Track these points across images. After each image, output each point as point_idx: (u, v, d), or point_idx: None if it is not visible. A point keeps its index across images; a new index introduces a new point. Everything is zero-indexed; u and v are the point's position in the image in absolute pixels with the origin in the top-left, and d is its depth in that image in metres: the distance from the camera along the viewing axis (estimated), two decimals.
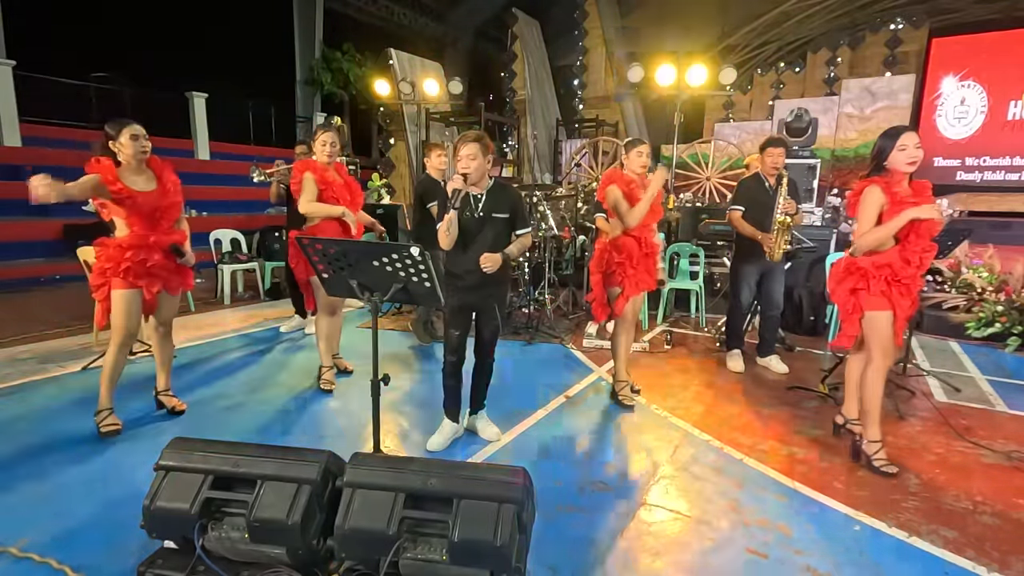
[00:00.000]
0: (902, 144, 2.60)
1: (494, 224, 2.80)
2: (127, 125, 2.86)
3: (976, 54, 10.70)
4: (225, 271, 6.18)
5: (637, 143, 3.42)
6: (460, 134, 2.80)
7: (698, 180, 9.65)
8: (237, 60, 12.90)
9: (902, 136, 2.61)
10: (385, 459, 1.98)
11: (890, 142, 2.64)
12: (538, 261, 5.58)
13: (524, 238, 2.91)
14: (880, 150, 2.68)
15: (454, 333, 2.90)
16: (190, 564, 1.81)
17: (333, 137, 3.61)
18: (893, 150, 2.62)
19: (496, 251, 2.77)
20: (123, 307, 2.91)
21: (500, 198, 2.83)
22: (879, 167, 2.69)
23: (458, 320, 2.91)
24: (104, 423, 2.96)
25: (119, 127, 2.85)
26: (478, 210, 2.79)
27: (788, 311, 5.05)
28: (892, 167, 2.65)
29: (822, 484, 2.64)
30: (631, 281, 3.38)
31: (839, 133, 10.49)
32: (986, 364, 4.46)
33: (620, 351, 3.54)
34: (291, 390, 3.68)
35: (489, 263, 2.71)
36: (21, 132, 8.63)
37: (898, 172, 2.65)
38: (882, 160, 2.67)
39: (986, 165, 10.83)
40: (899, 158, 2.61)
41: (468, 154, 2.68)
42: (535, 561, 2.01)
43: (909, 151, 2.59)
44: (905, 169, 2.63)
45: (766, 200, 3.94)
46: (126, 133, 2.84)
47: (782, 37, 11.89)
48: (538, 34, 13.26)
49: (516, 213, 2.86)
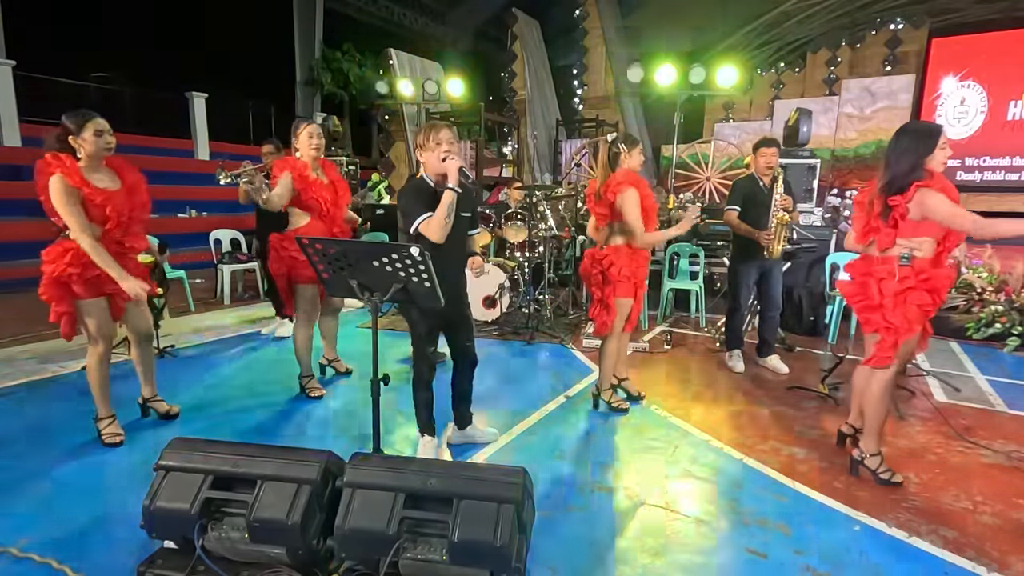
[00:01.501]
0: (943, 143, 2.43)
1: (460, 223, 2.62)
2: (91, 119, 2.60)
3: (976, 54, 10.70)
4: (225, 271, 6.18)
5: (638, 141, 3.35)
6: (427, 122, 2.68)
7: (698, 180, 9.65)
8: (237, 60, 12.92)
9: (942, 134, 2.44)
10: (385, 459, 1.98)
11: (932, 141, 2.42)
12: (538, 261, 5.58)
13: (478, 238, 2.90)
14: (922, 149, 2.42)
15: (430, 350, 2.75)
16: (190, 564, 1.81)
17: (317, 129, 3.40)
18: (936, 148, 2.42)
19: (464, 253, 2.77)
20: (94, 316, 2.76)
21: (466, 197, 2.64)
22: (920, 167, 2.43)
23: (433, 334, 2.75)
24: (106, 432, 2.89)
25: (82, 120, 2.58)
26: None
27: (788, 311, 5.05)
28: (931, 167, 2.44)
29: (822, 484, 2.64)
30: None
31: (839, 133, 10.49)
32: (986, 364, 4.46)
33: (607, 361, 3.40)
34: (291, 390, 3.68)
35: (478, 265, 2.77)
36: (21, 132, 8.62)
37: (934, 173, 2.45)
38: (923, 160, 2.43)
39: (986, 165, 10.84)
40: (939, 157, 2.44)
41: (449, 139, 2.53)
42: (535, 561, 2.02)
43: (947, 149, 2.46)
44: (941, 169, 2.47)
45: (762, 200, 3.95)
46: (90, 128, 2.59)
47: (782, 37, 11.89)
48: (538, 34, 13.26)
49: (476, 212, 2.80)
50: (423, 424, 2.83)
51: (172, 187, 8.87)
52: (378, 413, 2.27)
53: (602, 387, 3.47)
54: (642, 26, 12.93)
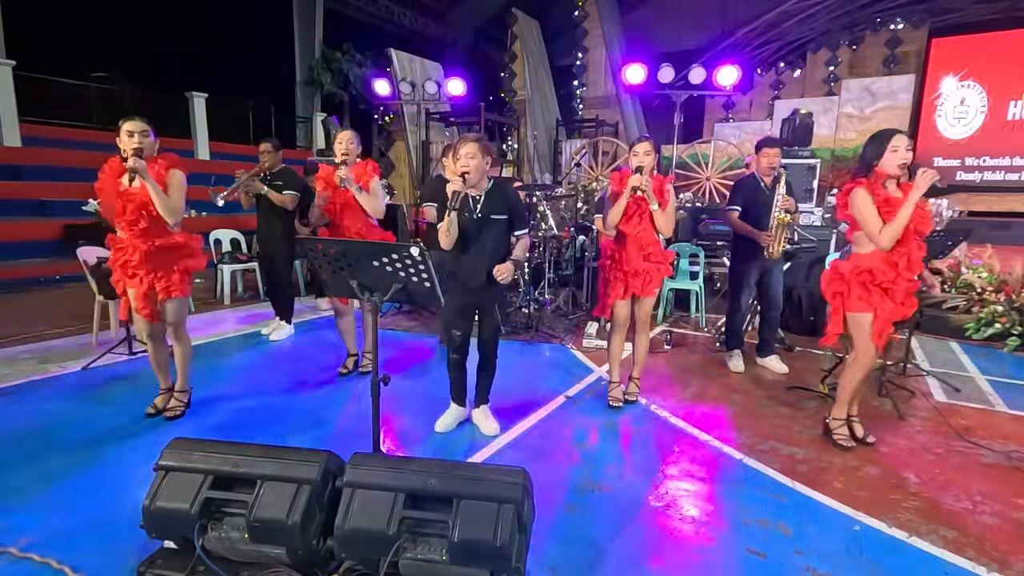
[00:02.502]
0: (894, 146, 2.64)
1: (493, 226, 2.83)
2: (125, 120, 2.82)
3: (976, 54, 10.70)
4: (225, 271, 6.18)
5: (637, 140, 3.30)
6: (461, 135, 2.84)
7: (698, 180, 9.65)
8: (237, 60, 12.90)
9: (894, 138, 2.65)
10: (385, 459, 1.98)
11: (882, 144, 2.67)
12: (538, 261, 5.58)
13: (524, 240, 2.95)
14: (871, 152, 2.71)
15: (456, 334, 3.01)
16: (190, 564, 1.81)
17: (343, 135, 3.65)
18: (886, 152, 2.65)
19: (497, 253, 2.84)
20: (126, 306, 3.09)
21: (498, 199, 2.85)
22: (868, 168, 2.73)
23: (460, 321, 3.00)
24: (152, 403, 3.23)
25: (122, 121, 2.82)
26: (476, 212, 2.82)
27: (788, 311, 5.04)
28: (882, 169, 2.69)
29: (822, 484, 2.64)
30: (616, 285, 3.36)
31: (839, 133, 10.50)
32: (986, 364, 4.46)
33: (611, 352, 3.53)
34: (291, 390, 3.68)
35: (504, 273, 2.77)
36: (21, 132, 8.62)
37: (884, 174, 2.69)
38: (872, 162, 2.70)
39: (986, 165, 10.84)
40: (891, 160, 2.65)
41: (467, 153, 2.71)
42: (535, 561, 2.02)
43: (900, 153, 2.63)
44: (895, 171, 2.66)
45: (763, 200, 3.95)
46: (122, 128, 2.81)
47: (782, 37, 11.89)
48: (538, 34, 13.27)
49: (514, 214, 2.89)
50: (451, 395, 3.19)
51: None
52: (378, 413, 2.27)
53: (610, 378, 3.56)
54: (642, 26, 12.93)
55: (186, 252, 3.08)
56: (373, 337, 2.31)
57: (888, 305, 2.74)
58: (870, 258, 2.77)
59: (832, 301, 2.91)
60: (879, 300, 2.74)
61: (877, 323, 2.77)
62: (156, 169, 2.88)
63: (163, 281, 2.98)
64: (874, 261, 2.75)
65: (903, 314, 2.80)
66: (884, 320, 2.77)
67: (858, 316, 2.81)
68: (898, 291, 2.73)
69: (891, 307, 2.74)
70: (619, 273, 3.33)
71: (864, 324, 2.80)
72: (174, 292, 3.01)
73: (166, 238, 2.98)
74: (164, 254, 2.98)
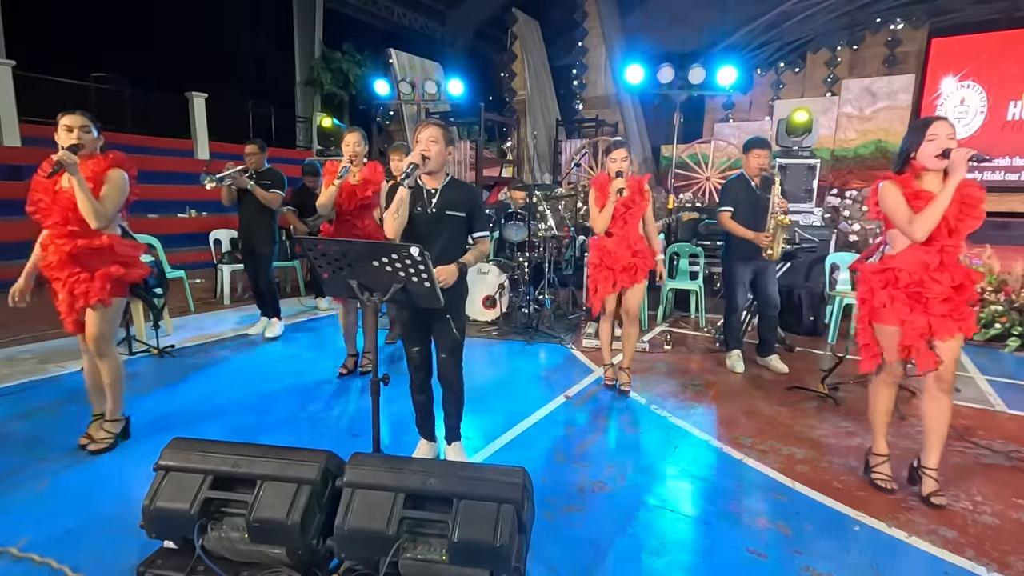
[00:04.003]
0: (932, 133, 2.30)
1: (448, 223, 2.50)
2: (63, 114, 2.60)
3: (976, 54, 10.69)
4: (225, 271, 6.18)
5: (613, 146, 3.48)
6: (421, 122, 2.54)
7: (698, 180, 9.65)
8: (237, 60, 12.90)
9: (932, 125, 2.31)
10: (385, 459, 1.98)
11: (920, 133, 2.34)
12: (538, 261, 5.58)
13: (481, 244, 2.61)
14: (909, 142, 2.39)
15: (413, 350, 2.62)
16: (190, 564, 1.81)
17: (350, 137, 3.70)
18: (923, 141, 2.32)
19: (451, 255, 2.46)
20: None
21: (456, 195, 2.53)
22: (904, 161, 2.41)
23: (414, 335, 2.61)
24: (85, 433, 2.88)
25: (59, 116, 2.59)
26: (431, 206, 2.49)
27: (788, 311, 5.04)
28: (919, 162, 2.36)
29: (822, 484, 2.64)
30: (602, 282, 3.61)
31: (839, 133, 10.49)
32: (986, 364, 4.46)
33: (601, 337, 3.86)
34: (291, 390, 3.68)
35: (444, 276, 2.32)
36: (21, 132, 8.61)
37: (921, 167, 2.37)
38: (910, 153, 2.38)
39: (985, 165, 10.82)
40: (928, 149, 2.31)
41: (429, 136, 2.46)
42: (535, 561, 2.02)
43: (940, 140, 2.28)
44: (933, 164, 2.32)
45: (754, 200, 3.97)
46: (60, 122, 2.58)
47: (782, 37, 11.88)
48: (538, 34, 13.26)
49: (474, 213, 2.56)
50: (417, 427, 2.81)
51: (172, 187, 8.85)
52: (378, 413, 2.27)
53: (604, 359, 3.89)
54: (642, 25, 12.92)
55: (114, 257, 2.71)
56: (373, 337, 2.31)
57: (919, 318, 2.34)
58: (899, 258, 2.41)
59: (860, 308, 2.56)
60: (906, 310, 2.36)
61: (905, 339, 2.38)
62: (92, 167, 2.62)
63: (82, 286, 2.64)
64: (901, 261, 2.39)
65: (946, 330, 2.31)
66: (912, 336, 2.35)
67: (886, 328, 2.44)
68: (934, 299, 2.31)
69: (924, 320, 2.33)
70: (607, 271, 3.55)
71: (890, 336, 2.44)
72: (92, 298, 2.64)
73: (90, 239, 2.64)
74: (86, 257, 2.66)
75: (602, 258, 3.58)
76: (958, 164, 2.22)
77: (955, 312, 2.33)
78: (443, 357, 2.61)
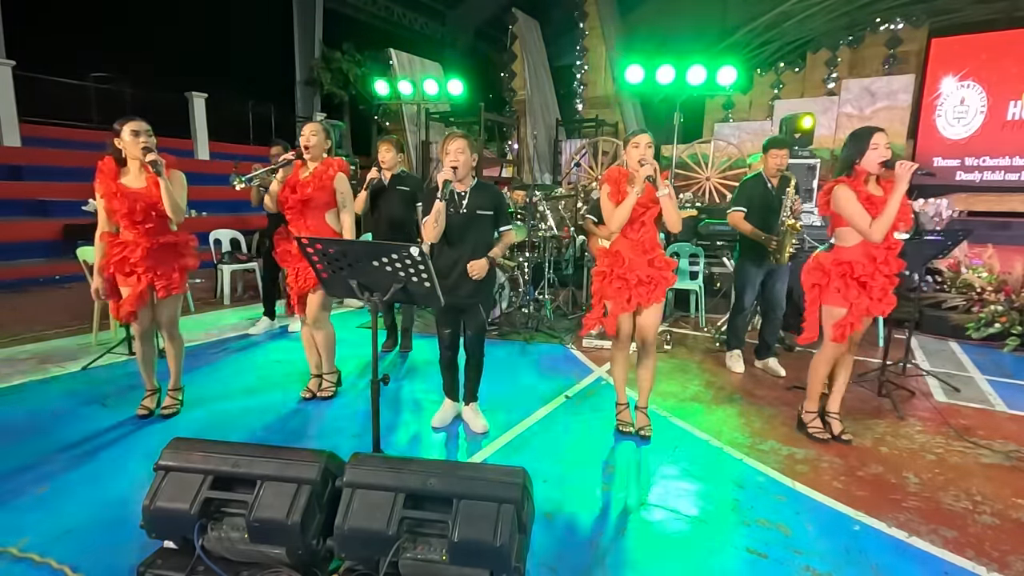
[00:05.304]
0: (874, 143, 2.72)
1: (478, 221, 2.90)
2: (128, 120, 2.86)
3: (976, 54, 10.70)
4: (225, 271, 6.18)
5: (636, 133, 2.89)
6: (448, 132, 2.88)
7: (698, 180, 9.65)
8: (237, 60, 12.90)
9: (874, 136, 2.73)
10: (385, 459, 1.98)
11: (863, 142, 2.74)
12: (538, 261, 5.58)
13: (507, 235, 3.03)
14: (853, 150, 2.78)
15: (445, 331, 3.07)
16: (190, 564, 1.81)
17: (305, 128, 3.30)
18: (867, 149, 2.73)
19: (480, 249, 2.89)
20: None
21: (484, 195, 2.92)
22: (849, 167, 2.81)
23: (447, 319, 3.05)
24: (141, 404, 3.22)
25: (121, 123, 2.86)
26: (463, 207, 2.87)
27: (788, 311, 5.04)
28: (863, 167, 2.76)
29: (822, 484, 2.64)
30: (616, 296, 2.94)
31: (839, 133, 10.49)
32: (986, 364, 4.46)
33: (615, 373, 3.21)
34: (291, 390, 3.68)
35: (476, 270, 2.83)
36: (21, 132, 8.62)
37: (865, 172, 2.77)
38: (854, 160, 2.78)
39: (985, 165, 10.83)
40: (872, 157, 2.73)
41: (457, 148, 2.78)
42: (535, 561, 2.02)
43: (880, 150, 2.72)
44: (875, 169, 2.75)
45: (769, 201, 3.93)
46: (125, 129, 2.84)
47: (782, 37, 11.88)
48: (538, 34, 13.26)
49: (499, 210, 2.96)
50: (444, 391, 3.27)
51: None
52: (378, 413, 2.27)
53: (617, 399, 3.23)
54: (642, 26, 12.93)
55: (185, 250, 3.13)
56: (373, 337, 2.31)
57: (864, 301, 2.82)
58: (852, 252, 2.84)
59: (809, 292, 2.99)
60: (855, 295, 2.82)
61: (848, 317, 2.84)
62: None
63: (163, 279, 3.01)
64: (855, 255, 2.83)
65: (879, 310, 2.86)
66: (856, 315, 2.84)
67: (833, 309, 2.89)
68: (875, 286, 2.80)
69: (866, 303, 2.82)
70: (621, 282, 2.89)
71: (837, 317, 2.88)
72: (174, 289, 3.06)
73: (168, 236, 3.04)
74: (165, 252, 3.02)
75: (613, 266, 2.92)
76: (902, 176, 2.64)
77: (886, 296, 2.85)
78: (471, 335, 3.06)
